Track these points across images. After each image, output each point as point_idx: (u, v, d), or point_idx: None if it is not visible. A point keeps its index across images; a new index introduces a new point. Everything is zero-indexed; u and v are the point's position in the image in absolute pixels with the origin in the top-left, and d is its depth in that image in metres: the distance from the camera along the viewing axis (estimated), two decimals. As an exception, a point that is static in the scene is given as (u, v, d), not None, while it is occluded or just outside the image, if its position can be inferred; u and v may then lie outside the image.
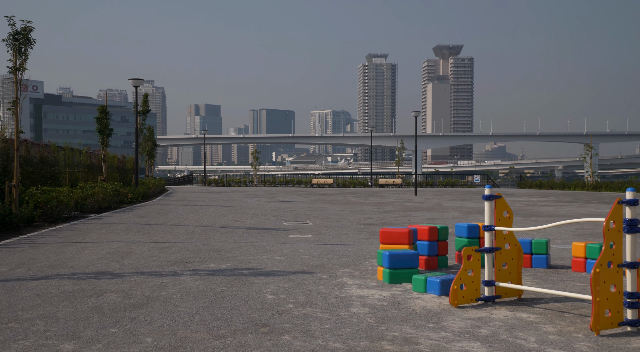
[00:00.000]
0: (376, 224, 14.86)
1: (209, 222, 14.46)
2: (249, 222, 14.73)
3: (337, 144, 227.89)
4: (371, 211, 19.35)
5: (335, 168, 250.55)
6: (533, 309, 5.60)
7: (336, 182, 50.33)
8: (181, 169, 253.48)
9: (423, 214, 17.99)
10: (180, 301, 5.70)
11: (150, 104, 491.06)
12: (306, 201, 25.49)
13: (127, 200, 19.98)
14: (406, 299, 5.99)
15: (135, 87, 24.17)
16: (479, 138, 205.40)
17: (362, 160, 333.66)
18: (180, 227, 13.10)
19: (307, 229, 13.24)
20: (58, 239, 10.83)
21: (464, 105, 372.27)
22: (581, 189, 38.27)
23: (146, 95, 29.05)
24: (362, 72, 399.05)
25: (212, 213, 17.54)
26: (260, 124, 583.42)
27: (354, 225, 14.48)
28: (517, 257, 6.08)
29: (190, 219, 15.32)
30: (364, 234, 12.42)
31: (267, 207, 20.73)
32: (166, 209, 19.19)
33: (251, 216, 16.73)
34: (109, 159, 24.76)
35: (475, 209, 20.80)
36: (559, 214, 18.39)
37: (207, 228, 13.04)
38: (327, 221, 15.43)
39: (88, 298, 5.79)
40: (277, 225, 14.20)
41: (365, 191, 40.82)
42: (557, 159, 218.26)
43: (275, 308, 5.49)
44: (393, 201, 26.09)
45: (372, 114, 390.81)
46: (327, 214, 18.05)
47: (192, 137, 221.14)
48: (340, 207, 21.20)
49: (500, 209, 5.97)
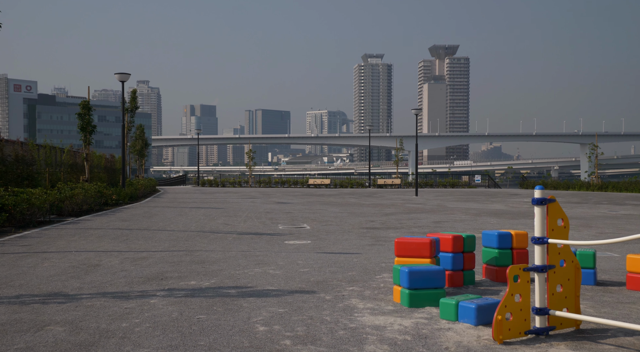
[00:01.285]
0: (379, 227, 13.59)
1: (197, 227, 13.15)
2: (241, 227, 13.42)
3: (333, 144, 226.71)
4: (372, 213, 18.08)
5: (331, 168, 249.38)
6: (601, 346, 4.32)
7: (333, 182, 48.97)
8: (177, 170, 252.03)
9: (428, 217, 16.72)
10: (143, 337, 4.40)
11: (146, 105, 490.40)
12: (303, 203, 24.19)
13: (111, 202, 18.59)
14: (434, 330, 4.70)
15: (122, 81, 22.77)
16: (476, 138, 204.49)
17: (358, 160, 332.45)
18: (163, 233, 11.77)
19: (305, 234, 11.95)
20: (19, 247, 9.49)
21: (459, 105, 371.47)
22: (586, 189, 37.08)
23: (134, 91, 27.56)
24: (358, 73, 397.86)
25: (202, 216, 16.22)
26: (256, 125, 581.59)
27: (355, 229, 13.20)
28: (575, 277, 4.80)
29: (176, 223, 13.99)
30: (367, 239, 11.13)
31: (262, 209, 19.43)
32: (152, 211, 17.84)
33: (244, 219, 15.42)
34: (95, 159, 23.40)
35: (482, 210, 19.55)
36: (573, 216, 17.15)
37: (194, 234, 11.73)
38: (326, 225, 14.14)
39: (22, 334, 4.47)
40: (271, 229, 12.90)
41: (364, 191, 39.52)
42: (553, 159, 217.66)
43: (268, 346, 4.20)
44: (394, 202, 24.82)
45: (368, 115, 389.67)
46: (325, 216, 16.77)
47: (187, 138, 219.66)
48: (339, 209, 19.92)
49: (554, 216, 4.69)
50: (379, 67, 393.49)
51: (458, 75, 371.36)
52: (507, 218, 16.25)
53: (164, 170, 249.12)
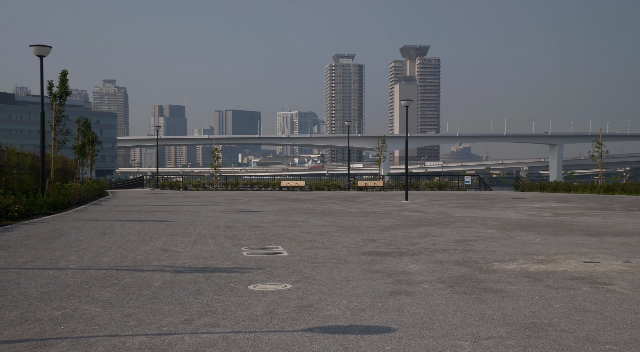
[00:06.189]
0: (387, 252, 9.38)
1: (113, 258, 8.64)
2: (185, 255, 9.02)
3: (304, 145, 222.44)
4: (367, 227, 13.84)
5: (302, 169, 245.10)
6: None
7: (308, 184, 44.51)
8: (144, 171, 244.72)
9: (442, 232, 12.57)
10: None
11: (112, 104, 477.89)
12: (275, 211, 19.80)
13: (15, 214, 13.75)
14: None
15: (40, 56, 17.95)
16: (447, 139, 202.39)
17: (329, 161, 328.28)
18: (40, 278, 7.22)
19: (282, 269, 7.67)
20: None
21: (430, 106, 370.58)
22: (590, 191, 33.47)
23: (64, 72, 22.56)
24: (329, 73, 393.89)
25: (134, 235, 11.68)
26: (226, 125, 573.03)
27: (354, 255, 8.97)
28: None
29: (84, 251, 9.43)
30: (380, 279, 6.91)
31: (223, 222, 15.00)
32: (68, 228, 13.07)
33: (194, 240, 11.00)
34: (13, 157, 18.59)
35: (502, 221, 15.49)
36: (627, 230, 13.19)
37: (97, 276, 7.28)
38: (310, 248, 9.86)
39: None
40: (231, 259, 8.55)
41: (344, 195, 35.24)
42: (522, 160, 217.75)
43: None
44: (386, 210, 20.62)
45: (339, 115, 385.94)
46: (307, 232, 12.47)
47: (154, 138, 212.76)
48: (323, 220, 15.62)
49: None
50: (350, 67, 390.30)
51: (429, 76, 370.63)
52: (546, 234, 12.22)
53: (131, 172, 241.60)
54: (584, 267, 7.91)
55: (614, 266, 8.01)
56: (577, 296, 6.11)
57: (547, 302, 5.82)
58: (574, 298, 6.03)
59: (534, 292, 6.29)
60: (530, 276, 7.31)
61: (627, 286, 6.64)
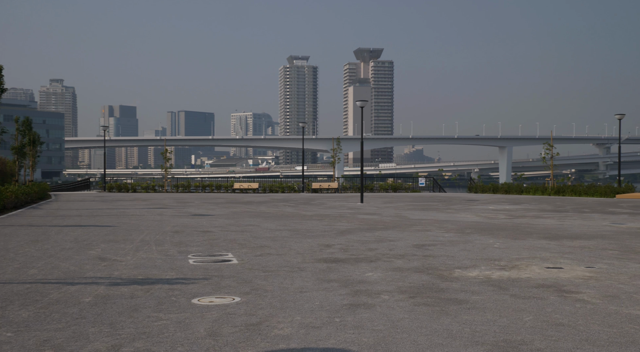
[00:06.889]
0: (343, 258, 8.87)
1: (42, 269, 7.83)
2: (124, 264, 8.27)
3: (258, 146, 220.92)
4: (322, 230, 13.31)
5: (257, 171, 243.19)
6: None
7: (262, 186, 43.71)
8: (93, 173, 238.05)
9: (399, 236, 12.15)
10: None
11: (60, 104, 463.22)
12: (227, 214, 19.07)
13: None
14: None
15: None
16: (401, 141, 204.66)
17: (284, 163, 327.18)
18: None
19: (230, 279, 7.04)
20: None
21: (384, 108, 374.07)
22: (542, 193, 33.92)
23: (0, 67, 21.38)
24: (284, 74, 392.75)
25: (71, 242, 10.80)
26: (178, 126, 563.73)
27: (308, 262, 8.42)
28: None
29: (11, 261, 8.55)
30: (337, 290, 6.37)
31: (169, 227, 14.20)
32: None
33: (136, 247, 10.22)
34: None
35: (459, 224, 15.24)
36: (584, 233, 13.11)
37: (16, 291, 6.48)
38: (262, 254, 9.26)
39: None
40: (175, 268, 7.86)
41: (299, 197, 34.66)
42: (473, 162, 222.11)
43: None
44: (341, 212, 20.15)
45: (294, 117, 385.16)
46: (259, 236, 11.84)
47: (102, 139, 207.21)
48: (276, 224, 15.01)
49: None
50: (305, 69, 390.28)
51: (382, 79, 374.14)
52: (505, 237, 11.97)
53: (79, 174, 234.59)
54: (547, 274, 7.59)
55: (577, 272, 7.72)
56: (546, 307, 5.73)
57: (516, 315, 5.41)
58: (543, 309, 5.64)
59: (500, 303, 5.88)
60: (494, 284, 6.91)
61: (595, 295, 6.31)
